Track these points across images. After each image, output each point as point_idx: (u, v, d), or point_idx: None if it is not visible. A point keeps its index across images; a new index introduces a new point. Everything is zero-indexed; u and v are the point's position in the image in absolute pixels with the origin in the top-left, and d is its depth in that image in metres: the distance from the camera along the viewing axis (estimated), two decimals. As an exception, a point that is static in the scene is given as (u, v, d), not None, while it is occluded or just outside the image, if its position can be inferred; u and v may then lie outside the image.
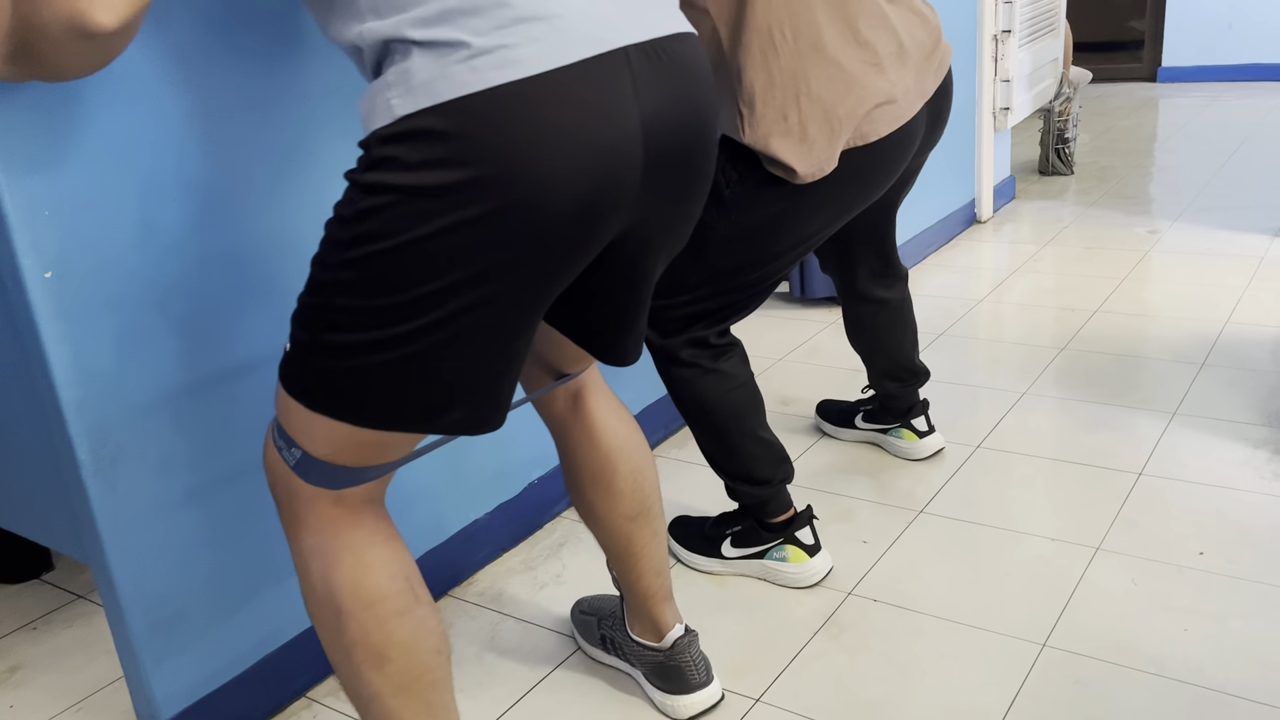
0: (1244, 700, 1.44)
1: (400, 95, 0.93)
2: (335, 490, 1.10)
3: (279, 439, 1.10)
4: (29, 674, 1.75)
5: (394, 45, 0.94)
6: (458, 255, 0.95)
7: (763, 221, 1.59)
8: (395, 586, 1.11)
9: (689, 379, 1.70)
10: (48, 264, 1.22)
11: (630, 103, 0.98)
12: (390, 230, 0.94)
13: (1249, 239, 3.39)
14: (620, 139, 0.98)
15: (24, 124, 1.18)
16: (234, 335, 1.44)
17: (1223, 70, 6.31)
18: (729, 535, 1.82)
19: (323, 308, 1.01)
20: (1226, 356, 2.53)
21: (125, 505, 1.34)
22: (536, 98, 0.92)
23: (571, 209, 0.96)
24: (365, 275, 0.97)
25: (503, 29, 0.92)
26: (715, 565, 1.84)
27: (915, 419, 2.16)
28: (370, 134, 0.96)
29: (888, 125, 1.56)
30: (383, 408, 1.03)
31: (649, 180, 1.03)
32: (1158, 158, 4.63)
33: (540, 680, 1.62)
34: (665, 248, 1.17)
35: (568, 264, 1.02)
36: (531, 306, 1.03)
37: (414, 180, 0.93)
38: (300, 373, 1.05)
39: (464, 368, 1.02)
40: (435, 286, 0.96)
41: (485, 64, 0.91)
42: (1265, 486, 1.96)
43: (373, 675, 1.11)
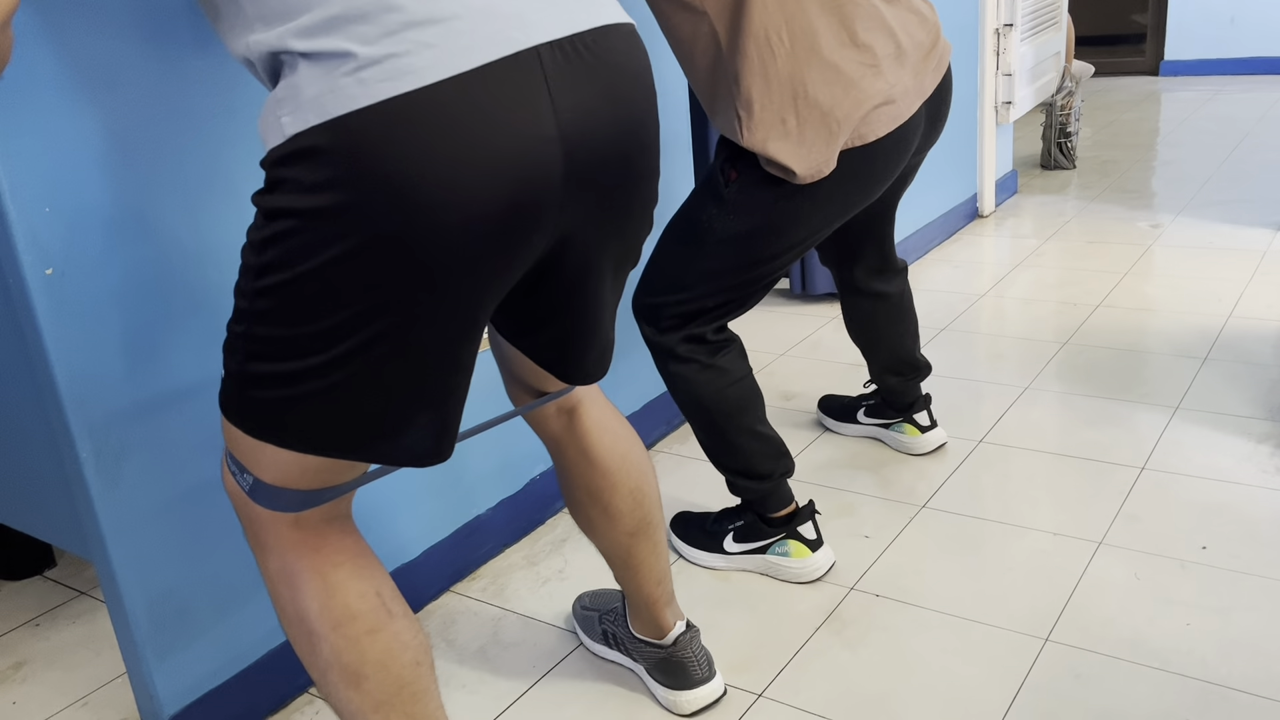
0: (1248, 695, 1.44)
1: (290, 113, 0.87)
2: (292, 513, 1.08)
3: (231, 465, 1.08)
4: (33, 670, 1.75)
5: (282, 57, 0.89)
6: (360, 282, 0.90)
7: (762, 222, 1.59)
8: (364, 605, 1.09)
9: (687, 375, 1.70)
10: (49, 261, 1.22)
11: (543, 107, 0.91)
12: (292, 259, 0.90)
13: (1251, 233, 3.38)
14: (531, 147, 0.91)
15: (24, 122, 1.18)
16: (235, 331, 1.44)
17: (1225, 64, 6.30)
18: (730, 530, 1.82)
19: (245, 336, 0.98)
20: (1229, 351, 2.52)
21: (127, 501, 1.34)
22: (431, 110, 0.86)
23: (476, 227, 0.90)
24: (277, 305, 0.93)
25: (392, 35, 0.85)
26: (717, 561, 1.84)
27: (917, 414, 2.16)
28: (266, 155, 0.91)
29: (886, 126, 1.56)
30: (319, 436, 1.00)
31: (576, 190, 0.97)
32: (1160, 152, 4.62)
33: (543, 675, 1.62)
34: (614, 258, 1.11)
35: (486, 282, 0.96)
36: (453, 332, 0.98)
37: (308, 203, 0.88)
38: (236, 400, 1.02)
39: (392, 397, 0.98)
40: (344, 316, 0.92)
41: (374, 75, 0.85)
42: (1268, 481, 1.95)
43: (351, 694, 1.10)
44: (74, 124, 1.22)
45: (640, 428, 2.26)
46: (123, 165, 1.28)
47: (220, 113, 1.36)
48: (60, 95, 1.21)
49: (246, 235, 0.96)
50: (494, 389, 1.82)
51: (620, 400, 2.20)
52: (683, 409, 1.75)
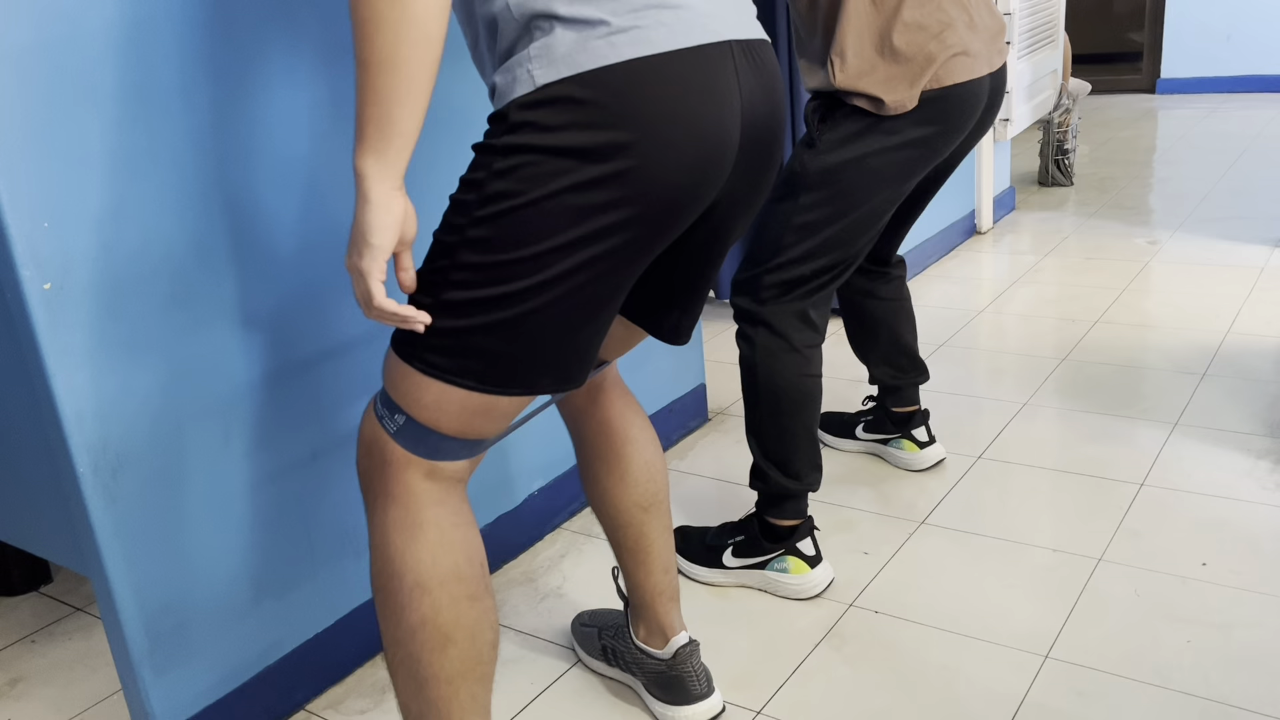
0: (1249, 712, 1.43)
1: (542, 66, 1.01)
2: (431, 461, 1.13)
3: (381, 408, 1.14)
4: (29, 686, 1.74)
5: (538, 21, 1.02)
6: (584, 211, 1.03)
7: (851, 157, 1.67)
8: (471, 570, 1.15)
9: (773, 350, 1.72)
10: (47, 275, 1.22)
11: (734, 88, 1.09)
12: (525, 187, 1.02)
13: (1249, 249, 3.39)
14: (726, 117, 1.08)
15: (22, 137, 1.18)
16: (234, 347, 1.44)
17: (1221, 81, 6.33)
18: (730, 545, 1.82)
19: (447, 269, 1.06)
20: (1228, 366, 2.52)
21: (125, 517, 1.34)
22: (663, 73, 1.03)
23: (686, 175, 1.06)
24: (496, 231, 1.03)
25: (637, 12, 1.02)
26: (716, 575, 1.84)
27: (916, 429, 2.16)
28: (509, 102, 1.03)
29: (962, 74, 1.68)
30: (492, 367, 1.08)
31: (740, 159, 1.13)
32: (1157, 169, 4.64)
33: (541, 692, 1.61)
34: (738, 227, 1.24)
35: (672, 228, 1.10)
36: (634, 267, 1.10)
37: (553, 141, 1.01)
38: (414, 336, 1.09)
39: (572, 326, 1.09)
40: (560, 241, 1.03)
41: (622, 40, 1.01)
42: (1268, 497, 1.95)
43: (433, 656, 1.13)
44: (72, 139, 1.23)
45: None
46: (121, 180, 1.28)
47: (221, 127, 1.37)
48: (58, 110, 1.21)
49: (461, 182, 1.07)
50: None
51: (619, 416, 2.20)
52: (751, 384, 1.76)
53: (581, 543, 2.01)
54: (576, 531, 2.05)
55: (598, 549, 1.99)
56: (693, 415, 2.45)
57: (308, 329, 1.53)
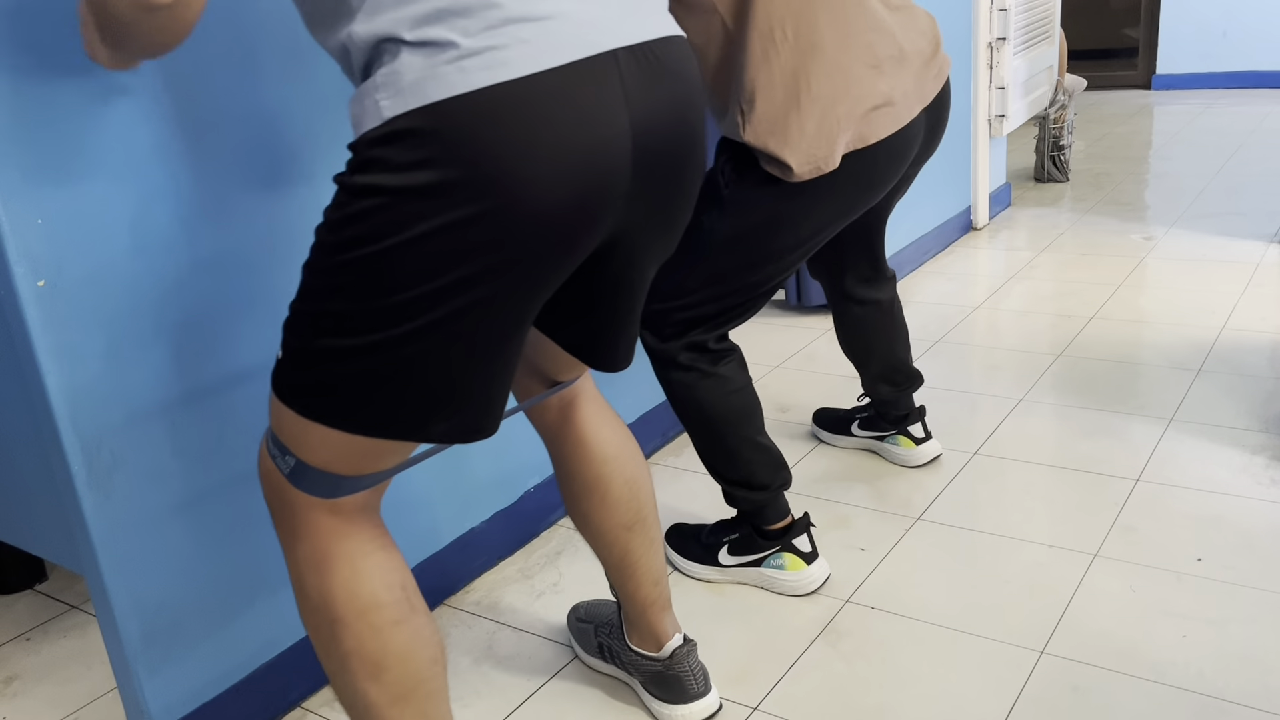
0: (1244, 707, 1.43)
1: (389, 97, 0.92)
2: (330, 499, 1.09)
3: (273, 447, 1.10)
4: (24, 685, 1.74)
5: (384, 45, 0.94)
6: (446, 257, 0.94)
7: (761, 221, 1.60)
8: (391, 596, 1.11)
9: (688, 383, 1.70)
10: (41, 273, 1.22)
11: (619, 105, 0.98)
12: (379, 233, 0.94)
13: (1244, 245, 3.39)
14: (609, 141, 0.97)
15: (16, 133, 1.18)
16: (229, 344, 1.43)
17: (1217, 77, 6.33)
18: (726, 543, 1.82)
19: (315, 313, 1.01)
20: (1223, 362, 2.53)
21: (119, 515, 1.34)
22: (525, 99, 0.92)
23: (559, 211, 0.96)
24: (356, 279, 0.96)
25: (492, 30, 0.92)
26: (712, 573, 1.84)
27: (912, 425, 2.16)
28: (359, 136, 0.95)
29: (886, 128, 1.57)
30: (376, 414, 1.03)
31: (638, 183, 1.02)
32: (1153, 164, 4.64)
33: (537, 689, 1.61)
34: (655, 252, 1.17)
35: (556, 267, 1.01)
36: (521, 310, 1.02)
37: (402, 181, 0.92)
38: (291, 380, 1.05)
39: (455, 372, 1.02)
40: (425, 289, 0.95)
41: (474, 65, 0.91)
42: (1263, 492, 1.95)
43: (369, 686, 1.11)
44: (66, 136, 1.22)
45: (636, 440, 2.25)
46: (115, 177, 1.28)
47: (216, 124, 1.36)
48: (52, 107, 1.21)
49: (324, 215, 0.99)
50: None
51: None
52: (682, 418, 1.75)
53: (577, 539, 2.01)
54: (572, 528, 2.05)
55: (594, 546, 1.99)
56: (689, 412, 2.45)
57: (303, 326, 1.52)
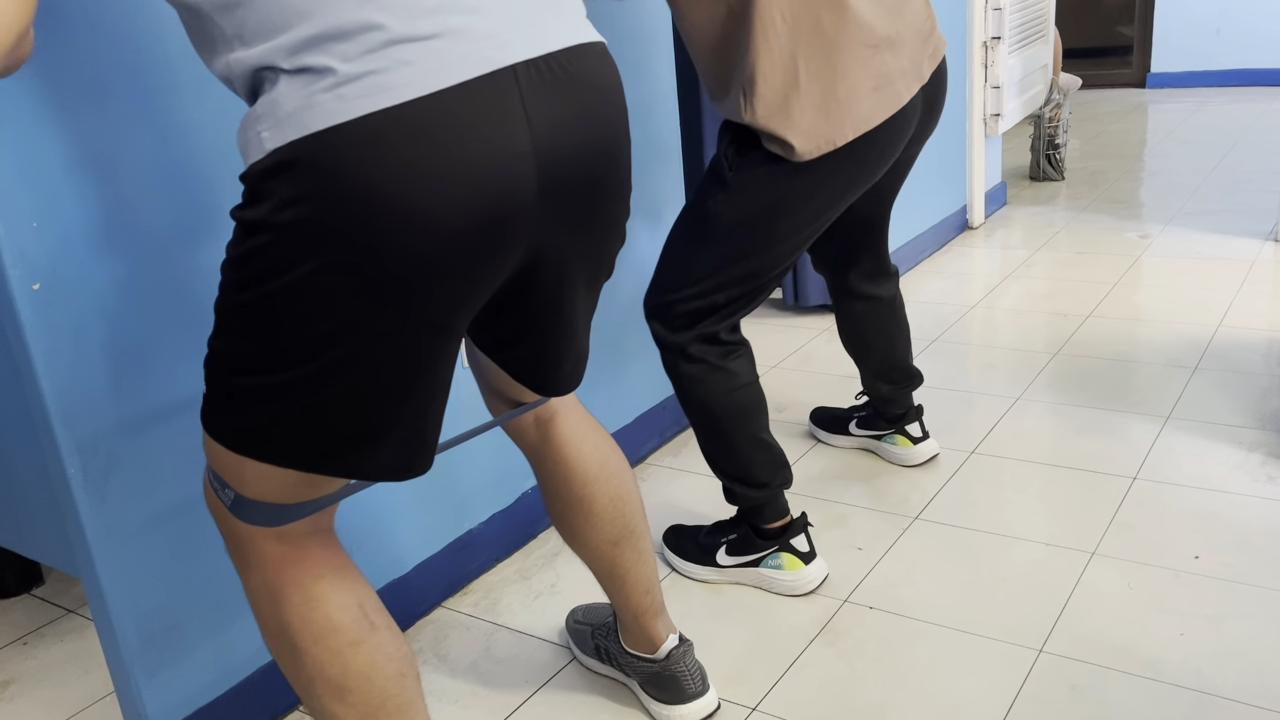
0: (1241, 704, 1.44)
1: (269, 128, 0.87)
2: (274, 527, 1.08)
3: (214, 480, 1.08)
4: (21, 689, 1.74)
5: (263, 74, 0.89)
6: (334, 298, 0.90)
7: (765, 203, 1.60)
8: (346, 617, 1.09)
9: (696, 376, 1.70)
10: (36, 276, 1.22)
11: (518, 124, 0.92)
12: (269, 273, 0.90)
13: (1239, 242, 3.40)
14: (506, 164, 0.92)
15: (10, 137, 1.18)
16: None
17: (1211, 75, 6.34)
18: (724, 543, 1.82)
19: (226, 352, 0.99)
20: (1219, 360, 2.53)
21: (116, 518, 1.33)
22: (409, 125, 0.86)
23: (451, 242, 0.91)
24: (252, 320, 0.94)
25: (373, 53, 0.86)
26: (710, 574, 1.84)
27: (909, 425, 2.16)
28: (246, 169, 0.91)
29: (886, 108, 1.58)
30: (298, 451, 1.01)
31: (549, 205, 0.97)
32: (1148, 163, 4.65)
33: (536, 691, 1.61)
34: (586, 271, 1.11)
35: (459, 297, 0.96)
36: (430, 344, 0.98)
37: (284, 217, 0.88)
38: (217, 416, 1.02)
39: (370, 409, 0.99)
40: (321, 330, 0.92)
41: (352, 91, 0.85)
42: (1259, 489, 1.96)
43: (336, 707, 1.10)
44: (61, 139, 1.22)
45: (632, 441, 2.25)
46: (110, 180, 1.27)
47: (207, 127, 1.36)
48: (47, 110, 1.20)
49: (225, 251, 0.95)
50: (477, 400, 1.82)
51: (612, 413, 2.20)
52: (687, 411, 1.75)
53: (575, 540, 2.01)
54: (570, 529, 2.05)
55: (591, 547, 1.99)
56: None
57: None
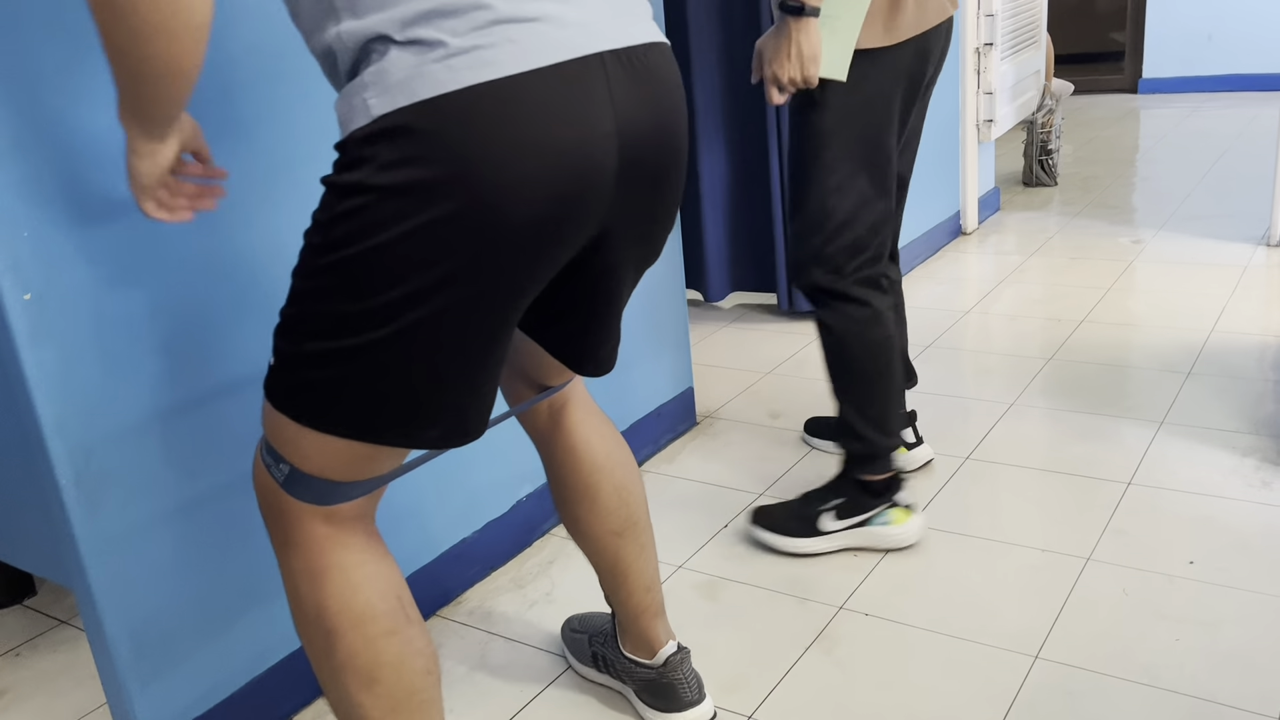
0: (1238, 710, 1.44)
1: (377, 95, 0.92)
2: (324, 507, 1.09)
3: (267, 456, 1.09)
4: (13, 700, 1.73)
5: (372, 45, 0.94)
6: (430, 255, 0.94)
7: (858, 100, 1.71)
8: (385, 606, 1.11)
9: (859, 318, 1.77)
10: (27, 286, 1.21)
11: (605, 107, 0.98)
12: (365, 233, 0.94)
13: (1232, 247, 3.41)
14: (593, 142, 0.98)
15: (2, 144, 1.17)
16: (218, 354, 1.43)
17: (1203, 81, 6.36)
18: (830, 510, 1.86)
19: (303, 316, 1.01)
20: (1213, 365, 2.53)
21: (108, 528, 1.33)
22: (511, 98, 0.92)
23: (543, 210, 0.96)
24: (342, 280, 0.96)
25: (480, 30, 0.92)
26: (816, 544, 1.87)
27: (903, 430, 2.16)
28: (347, 135, 0.95)
29: (934, 17, 1.74)
30: (366, 418, 1.03)
31: (622, 186, 1.03)
32: (1140, 168, 4.66)
33: (531, 700, 1.60)
34: (637, 258, 1.16)
35: (539, 267, 1.01)
36: (504, 311, 1.02)
37: (388, 179, 0.92)
38: (284, 386, 1.04)
39: (443, 373, 1.02)
40: (410, 289, 0.95)
41: (461, 64, 0.91)
42: (1254, 494, 1.96)
43: (362, 696, 1.11)
44: (52, 148, 1.22)
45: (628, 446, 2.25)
46: (101, 190, 1.27)
47: (204, 135, 1.36)
48: (38, 120, 1.20)
49: (312, 218, 0.99)
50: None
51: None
52: (841, 355, 1.80)
53: (570, 548, 2.01)
54: (565, 537, 2.05)
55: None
56: (681, 419, 2.45)
57: (292, 337, 1.52)
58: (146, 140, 0.99)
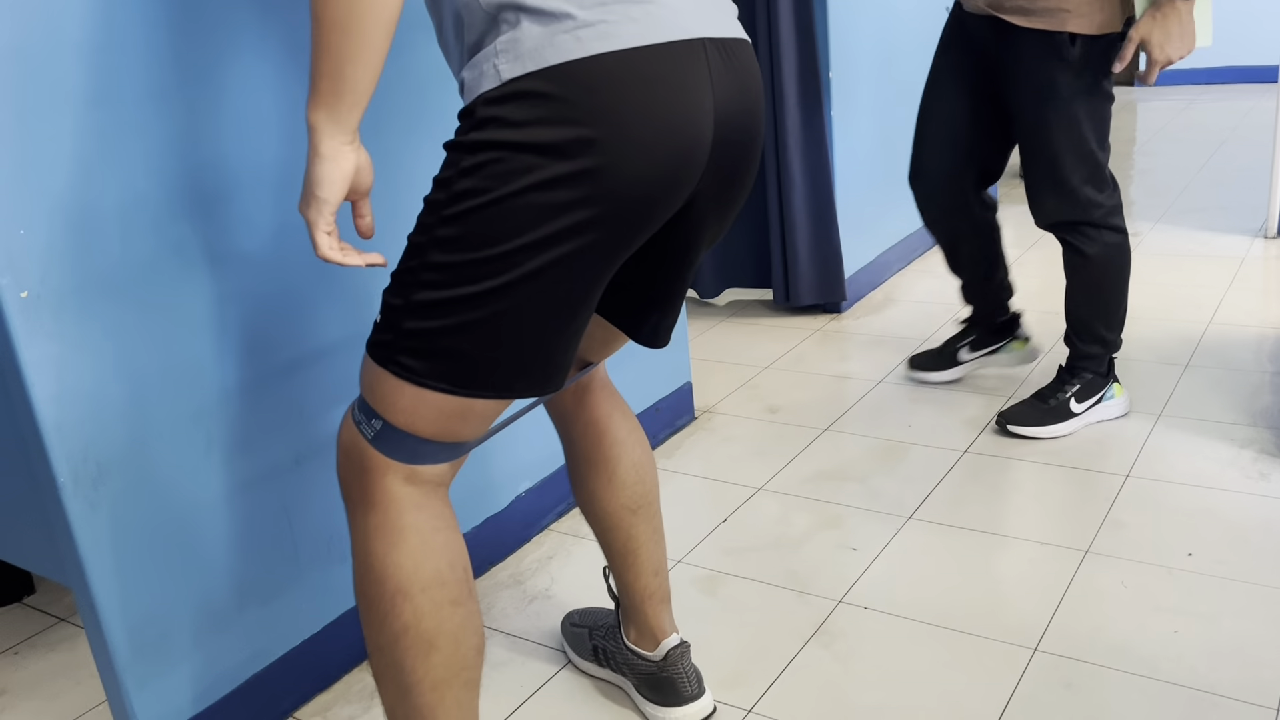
0: (1236, 701, 1.44)
1: (508, 61, 1.00)
2: (410, 466, 1.12)
3: (359, 414, 1.13)
4: (11, 700, 1.73)
5: (505, 14, 1.01)
6: (552, 208, 1.01)
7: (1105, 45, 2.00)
8: (454, 575, 1.14)
9: (1118, 243, 2.13)
10: (24, 284, 1.21)
11: (705, 86, 1.06)
12: (491, 185, 1.01)
13: (1230, 239, 3.41)
14: (697, 116, 1.06)
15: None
16: (216, 355, 1.42)
17: (1200, 73, 6.36)
18: (1071, 396, 2.21)
19: (418, 269, 1.05)
20: (1211, 357, 2.54)
21: (106, 526, 1.33)
22: (631, 69, 1.01)
23: (654, 173, 1.04)
24: (464, 230, 1.03)
25: (605, 6, 1.01)
26: (1072, 425, 2.22)
27: (1018, 329, 2.46)
28: (476, 98, 1.02)
29: None
30: (466, 370, 1.07)
31: (712, 161, 1.10)
32: (1137, 160, 4.66)
33: (531, 695, 1.60)
34: (713, 231, 1.22)
35: (642, 228, 1.08)
36: (606, 267, 1.09)
37: (518, 137, 1.00)
38: (389, 340, 1.09)
39: (544, 325, 1.08)
40: (529, 239, 1.02)
41: (588, 35, 1.00)
42: (1252, 486, 1.96)
43: (417, 663, 1.13)
44: (49, 145, 1.21)
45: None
46: (98, 186, 1.27)
47: (200, 134, 1.36)
48: (33, 115, 1.20)
49: (434, 181, 1.06)
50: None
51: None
52: (1103, 277, 2.16)
53: (569, 544, 2.01)
54: (564, 533, 2.05)
55: (586, 550, 1.98)
56: (679, 414, 2.45)
57: (287, 333, 1.51)
58: (333, 136, 1.02)
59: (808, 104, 2.88)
